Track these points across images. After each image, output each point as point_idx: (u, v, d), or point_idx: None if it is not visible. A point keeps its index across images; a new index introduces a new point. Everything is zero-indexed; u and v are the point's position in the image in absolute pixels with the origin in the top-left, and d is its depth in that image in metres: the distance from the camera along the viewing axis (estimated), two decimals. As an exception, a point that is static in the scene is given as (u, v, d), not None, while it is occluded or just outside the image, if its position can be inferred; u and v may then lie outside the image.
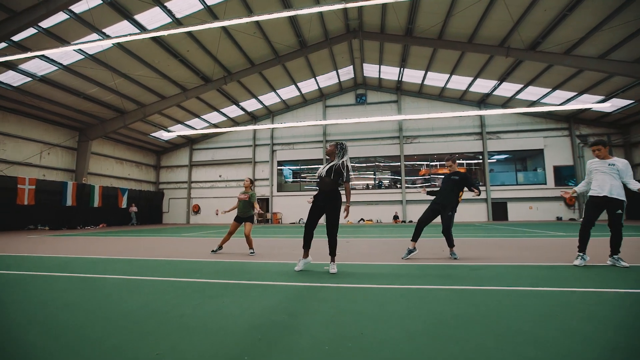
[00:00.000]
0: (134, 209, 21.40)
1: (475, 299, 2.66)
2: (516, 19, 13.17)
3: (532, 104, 20.17)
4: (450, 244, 4.80)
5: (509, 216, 21.17)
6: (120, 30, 12.57)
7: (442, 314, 2.26)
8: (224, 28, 14.04)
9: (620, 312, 2.28)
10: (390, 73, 21.37)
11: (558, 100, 19.14)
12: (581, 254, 4.00)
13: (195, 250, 6.62)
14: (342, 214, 3.89)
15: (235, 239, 9.17)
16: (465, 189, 4.93)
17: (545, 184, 21.09)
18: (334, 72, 21.25)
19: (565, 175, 21.09)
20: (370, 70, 21.72)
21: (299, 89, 22.13)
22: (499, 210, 21.37)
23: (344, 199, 3.96)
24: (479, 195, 4.78)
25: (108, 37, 12.38)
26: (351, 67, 21.48)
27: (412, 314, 2.27)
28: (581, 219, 4.05)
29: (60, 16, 11.28)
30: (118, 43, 13.24)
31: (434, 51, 17.05)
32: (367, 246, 6.89)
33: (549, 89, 18.14)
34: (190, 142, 25.99)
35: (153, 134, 22.86)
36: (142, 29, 12.63)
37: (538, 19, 13.00)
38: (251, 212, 5.75)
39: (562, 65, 14.91)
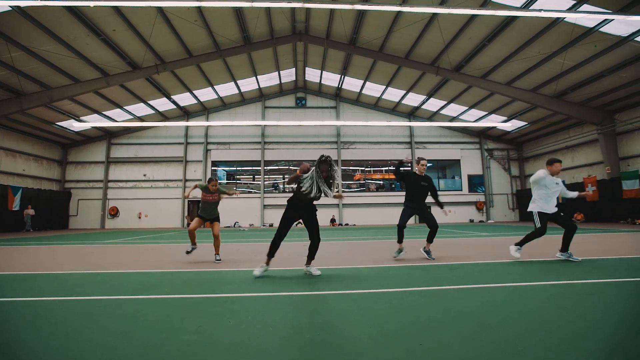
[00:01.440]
0: (30, 211, 17.64)
1: (489, 297, 2.76)
2: (447, 42, 14.76)
3: (453, 119, 22.84)
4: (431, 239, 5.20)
5: (432, 218, 23.45)
6: (25, -6, 10.28)
7: (473, 314, 2.27)
8: (160, 10, 12.58)
9: (613, 300, 2.62)
10: (331, 79, 21.91)
11: (472, 118, 22.04)
12: (520, 247, 4.87)
13: (138, 259, 5.69)
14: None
15: (175, 246, 8.23)
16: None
17: (461, 190, 24.05)
18: (276, 72, 20.91)
19: (476, 183, 24.35)
20: (312, 74, 21.97)
21: (238, 87, 21.16)
22: (424, 213, 23.53)
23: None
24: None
25: (6, -1, 10.00)
26: (293, 69, 21.43)
27: (446, 317, 2.23)
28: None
29: None
30: (19, 7, 10.82)
31: (374, 62, 18.05)
32: (327, 249, 6.82)
33: (467, 107, 20.78)
34: (108, 136, 22.61)
35: (60, 123, 19.20)
36: (56, -4, 10.55)
37: (464, 45, 14.79)
38: (217, 212, 5.37)
39: (478, 87, 17.27)
